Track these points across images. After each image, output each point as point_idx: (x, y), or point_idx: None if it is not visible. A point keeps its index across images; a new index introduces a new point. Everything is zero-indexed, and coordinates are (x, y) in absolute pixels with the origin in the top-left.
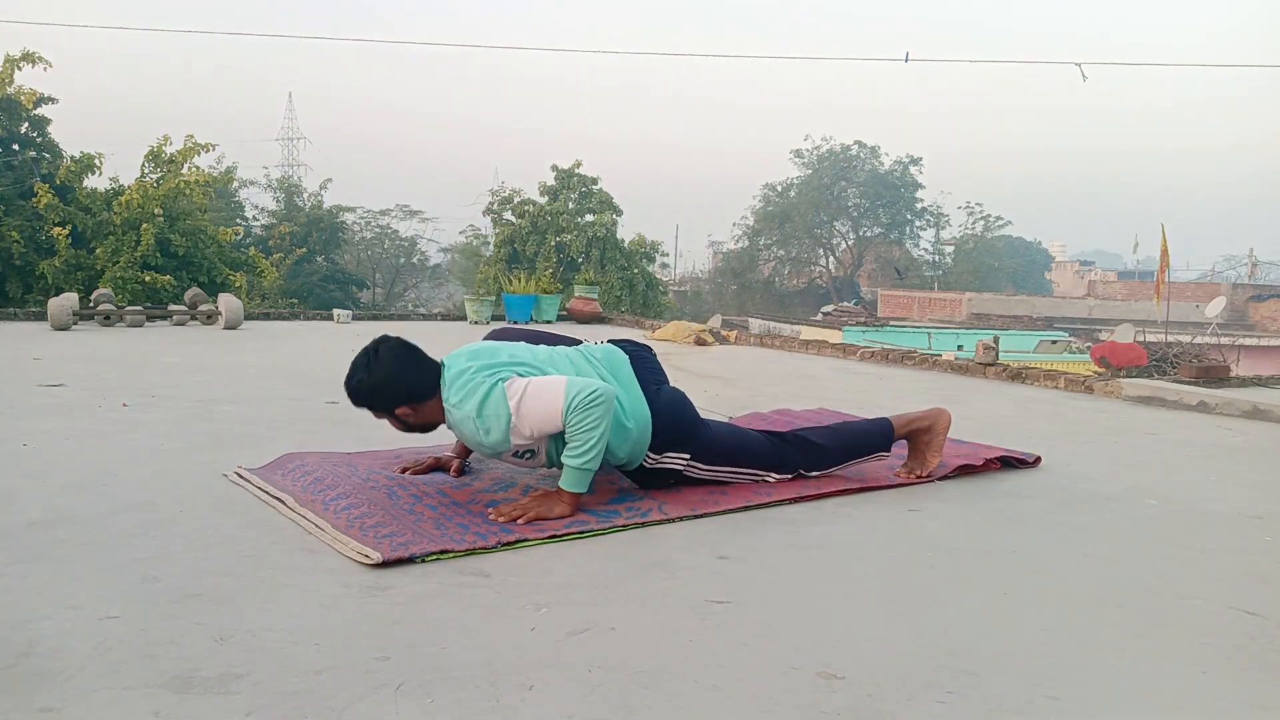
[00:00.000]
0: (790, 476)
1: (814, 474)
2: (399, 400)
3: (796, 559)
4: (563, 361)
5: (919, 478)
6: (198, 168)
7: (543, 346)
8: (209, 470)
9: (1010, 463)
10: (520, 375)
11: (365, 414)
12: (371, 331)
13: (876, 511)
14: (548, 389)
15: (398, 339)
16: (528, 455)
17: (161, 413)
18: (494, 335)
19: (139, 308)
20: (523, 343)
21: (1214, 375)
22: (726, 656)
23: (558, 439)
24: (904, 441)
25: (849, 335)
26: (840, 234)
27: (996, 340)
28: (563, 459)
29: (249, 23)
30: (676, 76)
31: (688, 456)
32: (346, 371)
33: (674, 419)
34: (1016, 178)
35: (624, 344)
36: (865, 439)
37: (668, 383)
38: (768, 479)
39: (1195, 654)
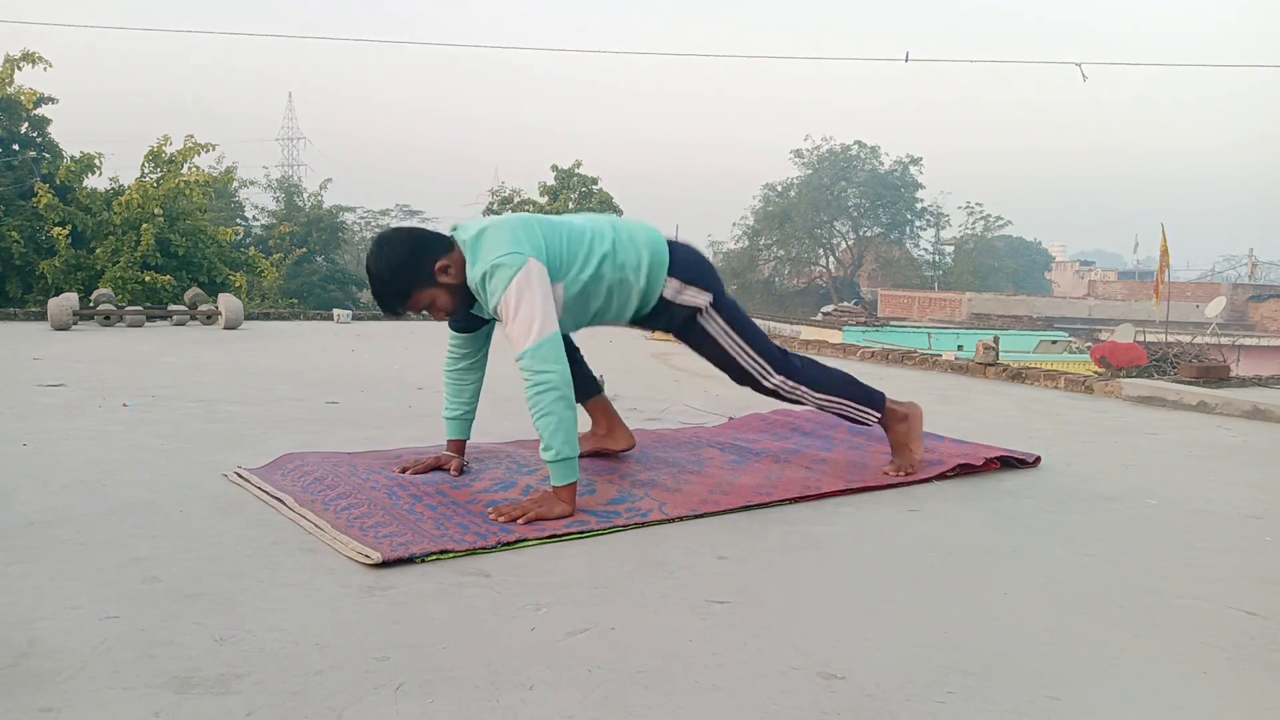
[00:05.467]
0: (783, 381)
1: (804, 389)
2: (428, 264)
3: (796, 559)
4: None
5: (908, 475)
6: (198, 168)
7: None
8: (209, 470)
9: (1010, 463)
10: (535, 262)
11: (365, 413)
12: (371, 331)
13: (876, 511)
14: (524, 317)
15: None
16: None
17: (161, 413)
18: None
19: (139, 308)
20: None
21: (1214, 375)
22: (726, 656)
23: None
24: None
25: (849, 335)
26: (840, 234)
27: (996, 340)
28: (540, 455)
29: (249, 23)
30: (677, 76)
31: (710, 297)
32: (370, 277)
33: (694, 257)
34: (1016, 178)
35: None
36: (861, 388)
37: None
38: (766, 369)
39: (1195, 654)
